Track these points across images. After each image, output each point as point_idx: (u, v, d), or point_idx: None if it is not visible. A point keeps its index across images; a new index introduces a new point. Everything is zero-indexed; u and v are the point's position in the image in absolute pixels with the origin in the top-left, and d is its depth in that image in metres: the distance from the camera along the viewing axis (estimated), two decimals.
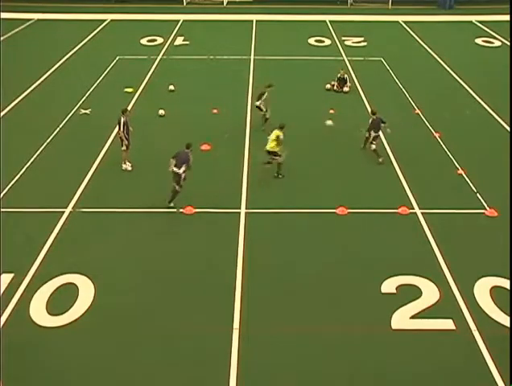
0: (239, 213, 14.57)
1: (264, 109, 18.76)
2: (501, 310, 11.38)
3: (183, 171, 14.24)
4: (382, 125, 17.02)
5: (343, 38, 30.32)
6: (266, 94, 18.59)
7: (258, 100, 18.72)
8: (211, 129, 19.10)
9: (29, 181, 15.99)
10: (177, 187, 14.40)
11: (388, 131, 17.19)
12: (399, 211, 14.71)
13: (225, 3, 38.27)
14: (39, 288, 11.92)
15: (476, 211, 14.70)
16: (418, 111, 20.70)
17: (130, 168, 16.50)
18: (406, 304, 11.46)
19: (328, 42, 29.83)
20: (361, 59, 26.81)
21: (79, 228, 13.98)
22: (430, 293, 11.77)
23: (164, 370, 10.10)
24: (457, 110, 20.95)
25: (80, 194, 15.37)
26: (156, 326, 11.04)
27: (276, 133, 15.70)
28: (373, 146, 17.05)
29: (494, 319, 11.20)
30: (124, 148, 16.31)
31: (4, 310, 11.33)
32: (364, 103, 21.49)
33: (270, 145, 15.71)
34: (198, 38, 30.07)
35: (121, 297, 11.81)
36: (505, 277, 12.24)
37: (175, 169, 14.18)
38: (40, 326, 10.98)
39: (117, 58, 26.51)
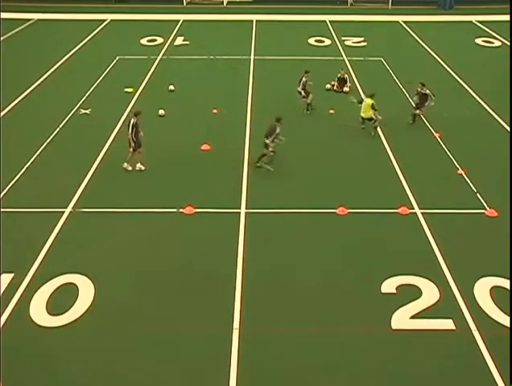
0: (239, 213, 14.57)
1: (303, 94, 20.13)
2: (501, 310, 11.38)
3: (271, 141, 16.13)
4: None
5: (343, 38, 30.33)
6: (303, 79, 19.97)
7: (298, 86, 20.17)
8: (211, 129, 19.12)
9: (29, 181, 15.99)
10: (265, 151, 16.33)
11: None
12: (399, 211, 14.71)
13: (224, 3, 38.28)
14: (39, 288, 11.91)
15: (476, 211, 14.70)
16: (418, 111, 20.64)
17: (130, 168, 16.43)
18: (406, 304, 11.46)
19: (328, 42, 29.84)
20: (361, 59, 26.82)
21: (79, 228, 13.98)
22: (430, 293, 11.77)
23: (164, 370, 10.10)
24: (457, 110, 20.93)
25: (80, 194, 15.37)
26: (156, 326, 11.04)
27: (369, 101, 18.41)
28: (418, 111, 19.36)
29: (494, 319, 11.19)
30: (131, 150, 16.20)
31: (4, 310, 11.33)
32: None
33: (368, 113, 18.49)
34: (198, 38, 30.08)
35: (121, 297, 11.81)
36: (505, 277, 12.24)
37: (265, 140, 16.20)
38: (40, 326, 10.98)
39: (117, 58, 26.52)
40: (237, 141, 18.35)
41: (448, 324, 11.07)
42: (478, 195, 15.37)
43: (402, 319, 11.15)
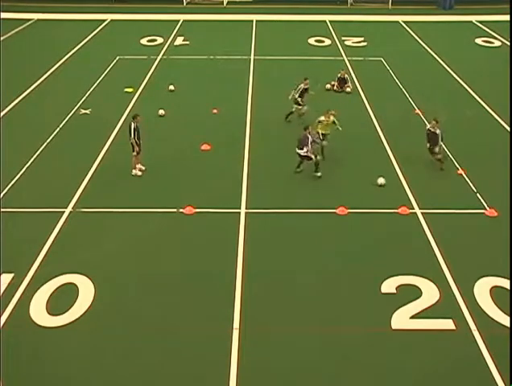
0: (239, 213, 14.57)
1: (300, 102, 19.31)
2: (501, 310, 11.38)
3: (307, 151, 15.61)
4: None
5: (343, 38, 30.33)
6: (301, 86, 19.20)
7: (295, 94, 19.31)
8: (211, 129, 19.13)
9: (29, 181, 15.98)
10: (314, 159, 15.85)
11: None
12: (399, 211, 14.71)
13: (224, 3, 38.28)
14: (39, 288, 11.91)
15: (476, 211, 14.70)
16: (418, 111, 20.69)
17: (139, 173, 16.29)
18: (406, 304, 11.46)
19: (328, 42, 29.85)
20: (361, 59, 26.82)
21: (79, 228, 13.98)
22: (430, 293, 11.77)
23: (164, 370, 10.09)
24: (457, 110, 20.93)
25: (80, 194, 15.37)
26: (156, 326, 11.04)
27: (333, 117, 16.99)
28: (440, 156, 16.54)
29: (494, 319, 11.19)
30: (135, 154, 16.07)
31: (4, 310, 11.32)
32: (364, 103, 21.49)
33: (326, 130, 17.00)
34: (198, 38, 30.09)
35: (121, 297, 11.81)
36: (505, 277, 12.23)
37: (298, 151, 15.73)
38: (40, 326, 10.98)
39: (117, 58, 26.51)
40: (237, 141, 18.35)
41: (448, 324, 11.07)
42: (478, 195, 15.37)
43: (402, 319, 11.14)
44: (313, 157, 15.90)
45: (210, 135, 18.59)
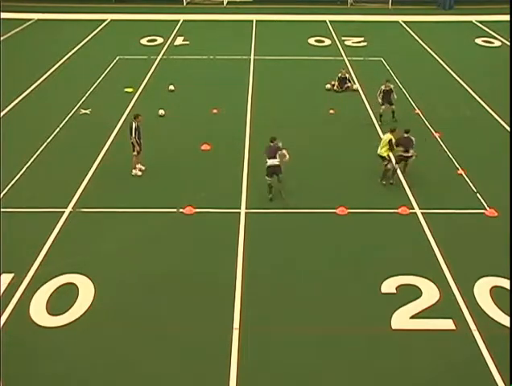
0: (239, 213, 14.57)
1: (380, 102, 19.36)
2: (501, 310, 11.38)
3: (279, 161, 14.64)
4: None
5: (343, 38, 30.34)
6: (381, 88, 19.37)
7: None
8: (211, 129, 19.13)
9: (29, 181, 15.99)
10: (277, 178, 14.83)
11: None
12: (399, 211, 14.71)
13: (224, 3, 38.29)
14: (39, 288, 11.91)
15: (476, 211, 14.70)
16: (418, 111, 20.70)
17: (139, 173, 16.32)
18: (406, 304, 11.46)
19: (328, 42, 29.85)
20: (361, 59, 26.82)
21: (79, 228, 13.98)
22: (430, 293, 11.77)
23: (164, 370, 10.09)
24: (457, 110, 20.93)
25: (80, 194, 15.37)
26: (156, 326, 11.04)
27: (388, 136, 15.44)
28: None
29: (494, 319, 11.19)
30: (135, 153, 16.08)
31: (4, 310, 11.33)
32: (364, 103, 21.48)
33: (381, 151, 15.57)
34: (198, 38, 30.09)
35: (121, 297, 11.81)
36: (505, 277, 12.23)
37: (272, 162, 14.64)
38: (40, 326, 10.98)
39: (117, 58, 26.52)
40: (237, 141, 18.35)
41: (448, 324, 11.07)
42: (478, 195, 15.37)
43: (402, 319, 11.14)
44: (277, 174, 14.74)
45: (210, 135, 18.59)
